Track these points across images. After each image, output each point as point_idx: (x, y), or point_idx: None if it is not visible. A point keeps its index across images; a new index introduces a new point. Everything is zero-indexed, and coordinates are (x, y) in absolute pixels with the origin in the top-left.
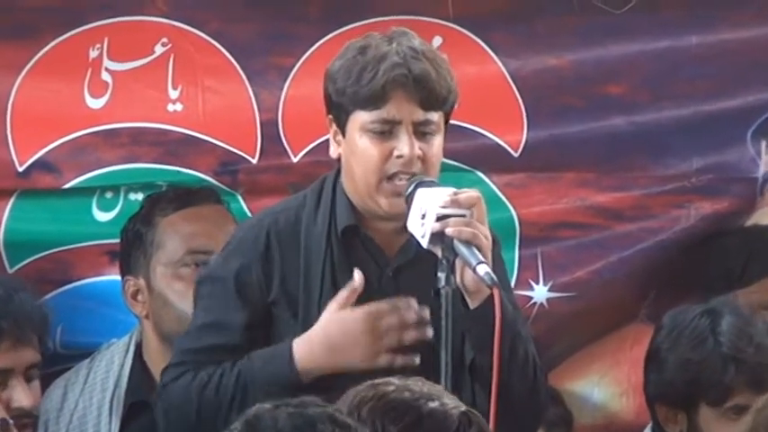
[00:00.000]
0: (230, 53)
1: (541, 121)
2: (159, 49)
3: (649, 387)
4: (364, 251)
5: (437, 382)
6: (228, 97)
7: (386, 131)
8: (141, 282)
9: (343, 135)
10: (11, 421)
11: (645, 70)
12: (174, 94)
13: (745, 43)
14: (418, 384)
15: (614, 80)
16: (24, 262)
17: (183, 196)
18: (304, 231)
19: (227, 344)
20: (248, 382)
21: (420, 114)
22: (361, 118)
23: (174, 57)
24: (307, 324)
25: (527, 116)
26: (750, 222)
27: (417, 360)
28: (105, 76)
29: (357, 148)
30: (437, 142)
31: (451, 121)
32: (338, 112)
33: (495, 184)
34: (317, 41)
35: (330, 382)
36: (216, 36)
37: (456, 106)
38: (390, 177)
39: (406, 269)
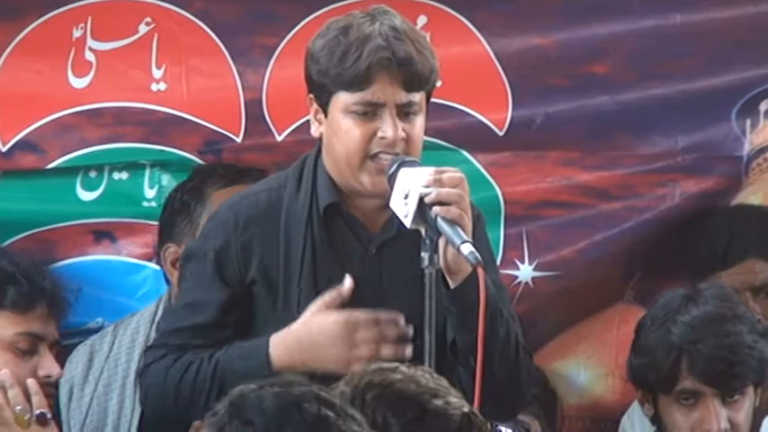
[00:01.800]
0: (214, 32)
1: (526, 99)
2: (143, 29)
3: (626, 368)
4: (346, 228)
5: (422, 362)
6: (213, 76)
7: (369, 112)
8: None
9: (326, 115)
10: (49, 414)
11: (629, 49)
12: (157, 73)
13: (730, 22)
14: (426, 377)
15: (599, 59)
16: (8, 241)
17: (234, 174)
18: (285, 210)
19: (206, 323)
20: (225, 375)
21: (403, 96)
22: (344, 99)
23: (158, 36)
24: (286, 303)
25: (512, 95)
26: (735, 201)
27: (409, 352)
28: (89, 56)
29: (340, 129)
30: (419, 122)
31: (437, 100)
32: (320, 92)
33: (479, 162)
34: (301, 21)
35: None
36: (200, 15)
37: (437, 84)
38: (373, 156)
39: (390, 246)
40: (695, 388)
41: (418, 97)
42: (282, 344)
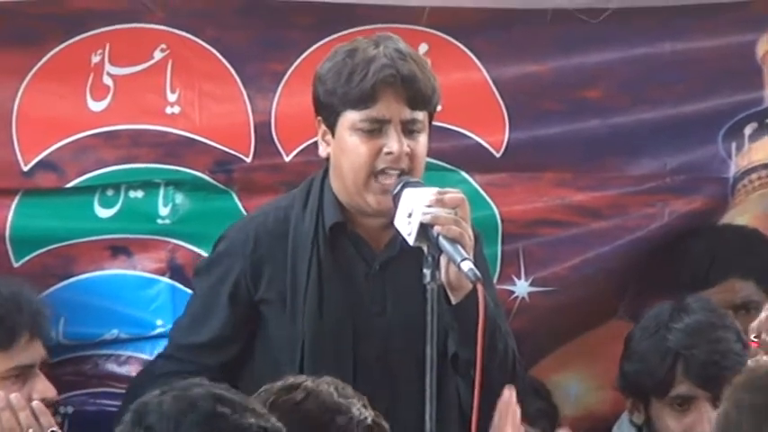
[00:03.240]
0: (226, 59)
1: (522, 123)
2: (158, 55)
3: (617, 378)
4: (351, 247)
5: (423, 375)
6: (224, 100)
7: (375, 130)
8: None
9: (333, 135)
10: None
11: (621, 76)
12: (172, 97)
13: (716, 51)
14: (330, 391)
15: (592, 85)
16: (29, 256)
17: None
18: (292, 230)
19: (211, 342)
20: None
21: (408, 113)
22: (351, 117)
23: (173, 62)
24: (293, 318)
25: (509, 119)
26: (723, 221)
27: None
28: (107, 81)
29: (347, 146)
30: (423, 140)
31: (438, 123)
32: (328, 112)
33: (477, 183)
34: (308, 48)
35: None
36: (212, 42)
37: (439, 107)
38: (378, 174)
39: (393, 264)
40: (690, 393)
41: (422, 116)
42: None
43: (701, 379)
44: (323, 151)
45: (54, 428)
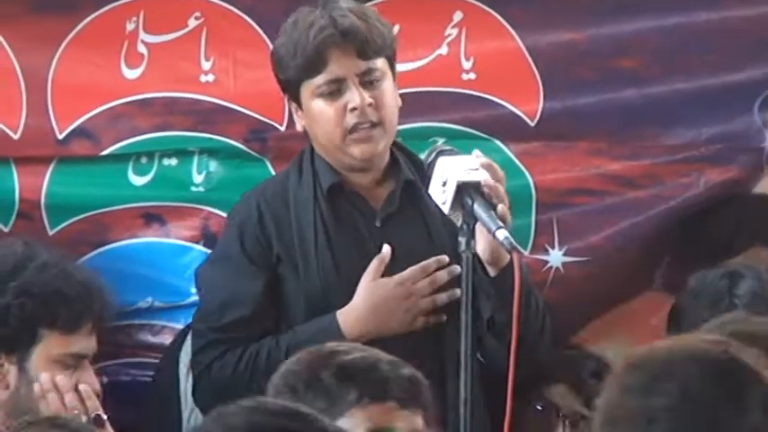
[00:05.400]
0: (260, 27)
1: (557, 92)
2: (192, 23)
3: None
4: (350, 206)
5: (458, 338)
6: (258, 69)
7: (335, 90)
8: None
9: (301, 108)
10: (104, 416)
11: (656, 45)
12: (206, 65)
13: (751, 20)
14: (364, 347)
15: (627, 54)
16: (64, 224)
17: None
18: (292, 197)
19: (252, 315)
20: None
21: (361, 65)
22: (309, 86)
23: (207, 30)
24: (307, 273)
25: (543, 88)
26: (757, 190)
27: (444, 317)
28: (141, 48)
29: (315, 114)
30: (386, 87)
31: (472, 92)
32: (289, 88)
33: (512, 152)
34: None
35: None
36: (247, 11)
37: (396, 48)
38: (351, 130)
39: (394, 218)
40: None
41: (378, 63)
42: (350, 319)
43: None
44: (299, 126)
45: (99, 412)
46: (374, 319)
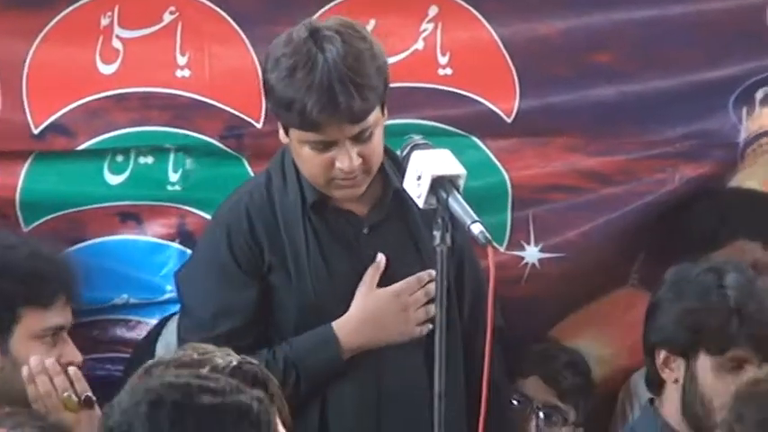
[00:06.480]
0: (235, 21)
1: (533, 89)
2: (167, 18)
3: (650, 334)
4: (336, 214)
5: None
6: (234, 64)
7: (325, 147)
8: None
9: (287, 134)
10: (94, 398)
11: (631, 39)
12: (181, 60)
13: (728, 13)
14: (189, 353)
15: (602, 49)
16: (39, 221)
17: None
18: (279, 205)
19: (244, 325)
20: (298, 370)
21: (354, 129)
22: (298, 134)
23: (182, 25)
24: (301, 289)
25: (519, 84)
26: (732, 185)
27: (430, 327)
28: (116, 43)
29: (301, 155)
30: (376, 137)
31: (450, 89)
32: (278, 118)
33: (489, 148)
34: (317, 10)
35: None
36: (221, 4)
37: (389, 83)
38: (335, 179)
39: (382, 225)
40: (747, 357)
41: (371, 119)
42: (347, 330)
43: (756, 340)
44: (283, 138)
45: (89, 393)
46: (372, 330)
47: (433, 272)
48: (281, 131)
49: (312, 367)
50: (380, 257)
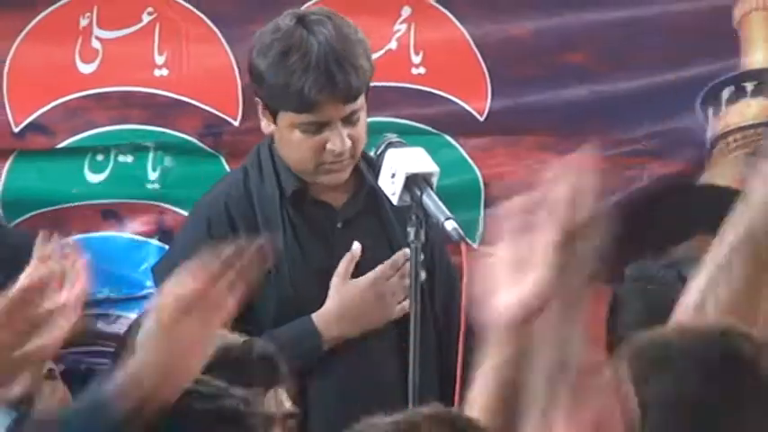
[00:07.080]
0: (212, 21)
1: (504, 88)
2: (146, 18)
3: (614, 328)
4: (313, 206)
5: (407, 330)
6: (211, 63)
7: (316, 129)
8: None
9: (275, 122)
10: (55, 367)
11: (602, 40)
12: (160, 59)
13: (696, 15)
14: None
15: (573, 49)
16: (20, 219)
17: None
18: (256, 199)
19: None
20: None
21: (346, 109)
22: (290, 117)
23: (160, 25)
24: (280, 282)
25: (491, 84)
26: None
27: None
28: (95, 44)
29: (290, 141)
30: (362, 121)
31: (423, 88)
32: (268, 102)
33: (462, 146)
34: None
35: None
36: (199, 5)
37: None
38: (324, 163)
39: (355, 220)
40: None
41: (360, 101)
42: (326, 321)
43: None
44: (265, 128)
45: (52, 366)
46: (351, 321)
47: (407, 251)
48: (265, 121)
49: (292, 359)
50: (356, 246)
